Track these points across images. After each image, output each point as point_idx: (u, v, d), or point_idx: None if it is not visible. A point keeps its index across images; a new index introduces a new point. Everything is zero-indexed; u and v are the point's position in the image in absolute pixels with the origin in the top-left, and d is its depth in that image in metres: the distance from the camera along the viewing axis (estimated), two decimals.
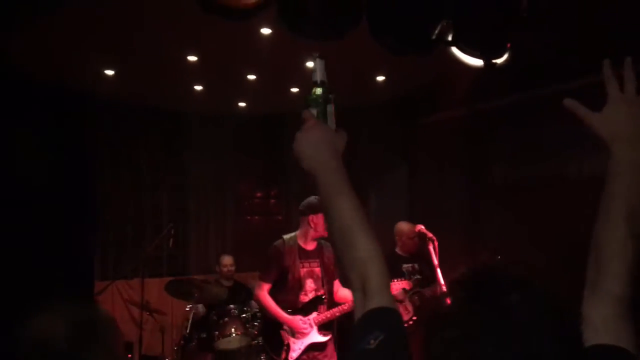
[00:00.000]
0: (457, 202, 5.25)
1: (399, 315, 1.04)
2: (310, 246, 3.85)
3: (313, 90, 1.26)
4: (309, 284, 3.77)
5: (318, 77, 1.26)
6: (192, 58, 4.75)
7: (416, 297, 4.26)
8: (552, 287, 0.86)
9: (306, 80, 4.96)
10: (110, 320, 1.32)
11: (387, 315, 1.02)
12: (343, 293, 3.85)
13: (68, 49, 4.32)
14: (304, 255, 3.81)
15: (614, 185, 1.10)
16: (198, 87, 5.63)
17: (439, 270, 3.58)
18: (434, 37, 2.31)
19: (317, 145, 1.19)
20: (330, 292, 3.87)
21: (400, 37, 2.25)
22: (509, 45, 2.41)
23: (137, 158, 6.61)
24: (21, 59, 4.38)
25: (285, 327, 3.72)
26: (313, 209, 3.82)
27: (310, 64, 4.90)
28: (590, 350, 0.91)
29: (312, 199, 3.87)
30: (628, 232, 1.05)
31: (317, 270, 3.81)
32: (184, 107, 6.39)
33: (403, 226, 4.57)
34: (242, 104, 6.33)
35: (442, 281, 3.53)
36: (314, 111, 1.24)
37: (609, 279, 1.02)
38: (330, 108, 1.25)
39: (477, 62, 2.40)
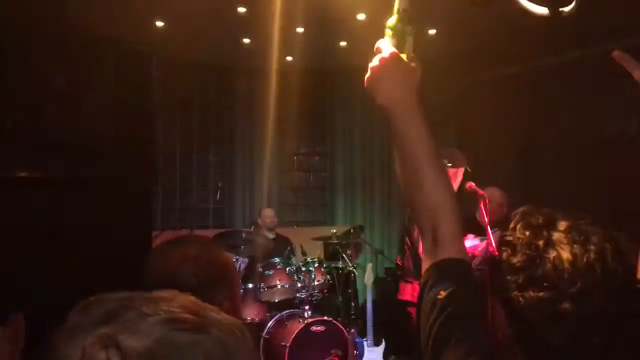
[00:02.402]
0: (509, 162, 5.13)
1: (470, 267, 1.02)
2: None
3: (393, 19, 1.15)
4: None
5: (400, 4, 1.15)
6: (241, 9, 4.71)
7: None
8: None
9: (355, 34, 4.85)
10: (232, 263, 1.36)
11: (459, 267, 1.00)
12: None
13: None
14: None
15: None
16: (246, 41, 5.60)
17: (489, 229, 3.52)
18: None
19: (393, 79, 1.11)
20: None
21: None
22: None
23: (185, 112, 6.70)
24: (74, 10, 4.43)
25: None
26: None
27: (360, 17, 4.80)
28: None
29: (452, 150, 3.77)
30: None
31: None
32: (231, 61, 6.39)
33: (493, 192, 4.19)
34: (289, 58, 6.27)
35: (492, 239, 3.46)
36: (393, 41, 1.14)
37: None
38: (410, 40, 1.16)
39: (542, 11, 2.27)
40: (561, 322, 0.80)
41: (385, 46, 1.14)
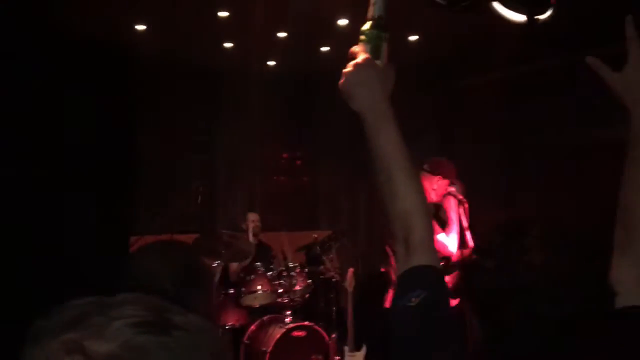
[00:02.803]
0: (490, 169, 5.17)
1: (442, 273, 1.03)
2: None
3: (367, 25, 1.17)
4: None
5: (375, 11, 1.17)
6: (223, 14, 4.69)
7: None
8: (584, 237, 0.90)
9: (338, 39, 4.88)
10: (208, 269, 1.35)
11: (429, 273, 1.00)
12: None
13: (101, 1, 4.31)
14: None
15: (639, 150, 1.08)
16: (228, 45, 5.58)
17: (468, 234, 3.54)
18: None
19: (367, 85, 1.12)
20: None
21: None
22: (553, 0, 2.30)
23: (167, 116, 6.65)
24: (56, 13, 4.38)
25: None
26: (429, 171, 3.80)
27: (342, 22, 4.82)
28: (622, 312, 0.91)
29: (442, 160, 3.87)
30: None
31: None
32: (213, 65, 6.36)
33: None
34: (271, 63, 6.26)
35: (471, 244, 3.49)
36: (367, 47, 1.15)
37: (639, 240, 1.01)
38: (384, 46, 1.17)
39: (519, 18, 2.29)
40: (535, 325, 0.81)
41: (360, 52, 1.15)
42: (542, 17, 2.49)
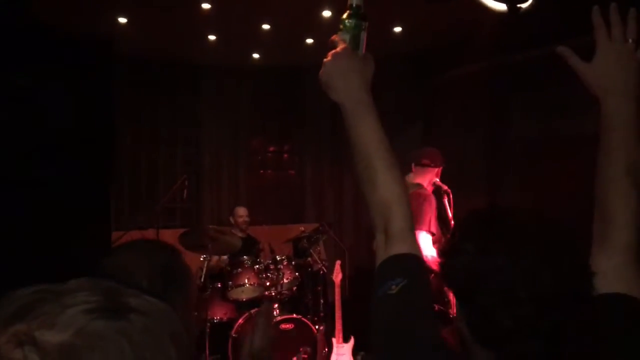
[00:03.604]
0: (474, 159, 5.20)
1: (422, 261, 1.02)
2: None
3: (346, 15, 1.17)
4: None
5: (354, 0, 1.16)
6: (206, 6, 4.65)
7: None
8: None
9: (322, 31, 4.86)
10: (189, 270, 1.32)
11: (409, 261, 1.00)
12: None
13: None
14: None
15: (610, 140, 1.10)
16: (212, 37, 5.54)
17: (453, 224, 3.56)
18: None
19: (346, 74, 1.12)
20: None
21: None
22: None
23: (151, 110, 6.60)
24: (34, 5, 4.31)
25: None
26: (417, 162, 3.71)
27: (326, 14, 4.80)
28: (600, 298, 0.92)
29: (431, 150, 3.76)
30: (629, 183, 1.05)
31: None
32: (197, 58, 6.32)
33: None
34: (256, 56, 6.23)
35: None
36: (346, 37, 1.15)
37: (617, 230, 1.03)
38: (363, 35, 1.16)
39: (501, 7, 2.30)
40: (513, 306, 0.82)
41: (339, 41, 1.15)
42: (523, 5, 2.51)
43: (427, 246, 3.51)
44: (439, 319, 0.99)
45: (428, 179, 3.72)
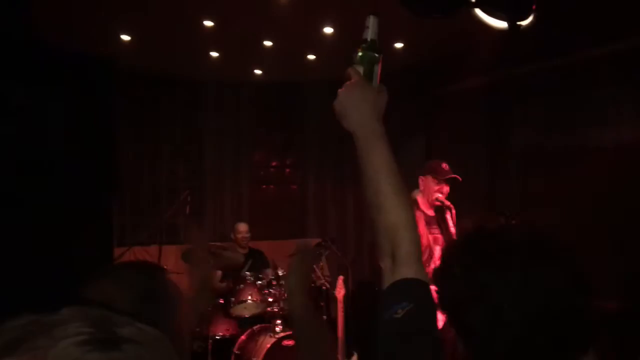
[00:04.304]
0: (475, 173, 5.19)
1: (428, 286, 1.03)
2: (431, 212, 3.71)
3: (361, 48, 1.24)
4: (438, 251, 3.59)
5: (369, 35, 1.23)
6: (209, 23, 4.69)
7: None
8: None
9: (323, 47, 4.86)
10: (173, 288, 1.30)
11: (415, 286, 1.01)
12: None
13: (85, 12, 4.29)
14: (428, 221, 3.67)
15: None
16: (214, 54, 5.58)
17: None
18: None
19: (358, 105, 1.17)
20: None
21: None
22: (534, 6, 2.33)
23: (153, 126, 6.63)
24: (39, 23, 4.35)
25: None
26: (423, 170, 3.73)
27: (327, 30, 4.83)
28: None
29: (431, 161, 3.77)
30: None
31: (440, 237, 3.66)
32: (199, 74, 6.36)
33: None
34: (258, 72, 6.27)
35: None
36: (360, 69, 1.22)
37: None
38: (377, 68, 1.23)
39: (501, 25, 2.32)
40: (503, 326, 0.82)
41: (354, 73, 1.21)
42: (523, 23, 2.53)
43: None
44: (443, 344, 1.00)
45: (430, 188, 3.69)
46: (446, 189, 3.70)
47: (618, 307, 3.24)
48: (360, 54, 1.23)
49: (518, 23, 2.22)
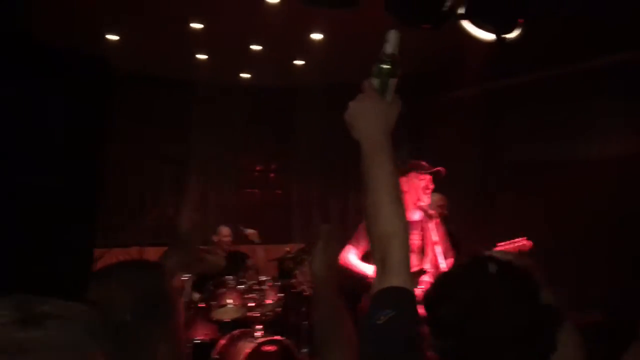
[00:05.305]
0: (467, 183, 5.22)
1: (413, 296, 1.06)
2: (413, 216, 3.58)
3: (379, 61, 1.25)
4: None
5: (389, 49, 1.25)
6: (197, 25, 4.68)
7: None
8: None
9: (311, 53, 4.84)
10: (172, 290, 1.30)
11: (400, 294, 1.04)
12: None
13: (75, 10, 4.26)
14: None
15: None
16: (201, 56, 5.56)
17: (436, 247, 3.54)
18: (445, 8, 2.26)
19: (368, 117, 1.20)
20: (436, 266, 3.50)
21: (412, 8, 2.21)
22: (521, 20, 2.36)
23: (138, 127, 6.58)
24: (25, 22, 4.31)
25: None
26: (404, 171, 3.62)
27: (316, 36, 4.84)
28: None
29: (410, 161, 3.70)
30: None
31: (416, 245, 3.57)
32: (186, 77, 6.34)
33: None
34: (245, 76, 6.26)
35: (440, 260, 3.48)
36: (375, 82, 1.23)
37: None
38: (392, 82, 1.25)
39: (489, 37, 2.35)
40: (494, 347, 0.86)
41: (368, 86, 1.23)
42: (510, 36, 2.56)
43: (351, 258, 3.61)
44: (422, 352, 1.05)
45: (415, 188, 3.67)
46: (431, 186, 3.69)
47: (603, 319, 3.28)
48: (377, 66, 1.24)
49: (504, 36, 2.25)
